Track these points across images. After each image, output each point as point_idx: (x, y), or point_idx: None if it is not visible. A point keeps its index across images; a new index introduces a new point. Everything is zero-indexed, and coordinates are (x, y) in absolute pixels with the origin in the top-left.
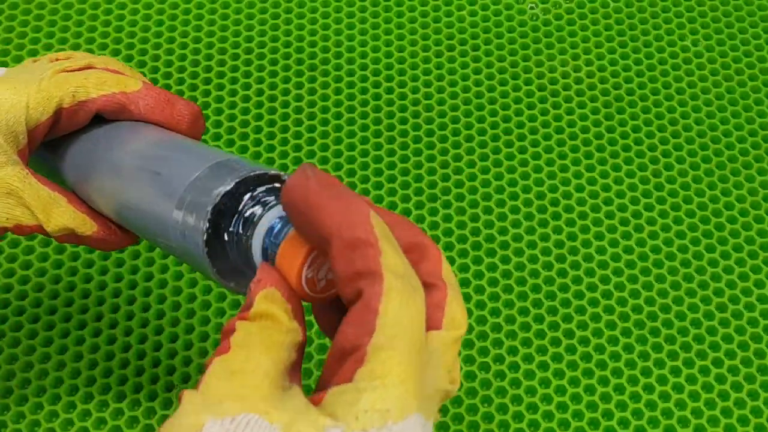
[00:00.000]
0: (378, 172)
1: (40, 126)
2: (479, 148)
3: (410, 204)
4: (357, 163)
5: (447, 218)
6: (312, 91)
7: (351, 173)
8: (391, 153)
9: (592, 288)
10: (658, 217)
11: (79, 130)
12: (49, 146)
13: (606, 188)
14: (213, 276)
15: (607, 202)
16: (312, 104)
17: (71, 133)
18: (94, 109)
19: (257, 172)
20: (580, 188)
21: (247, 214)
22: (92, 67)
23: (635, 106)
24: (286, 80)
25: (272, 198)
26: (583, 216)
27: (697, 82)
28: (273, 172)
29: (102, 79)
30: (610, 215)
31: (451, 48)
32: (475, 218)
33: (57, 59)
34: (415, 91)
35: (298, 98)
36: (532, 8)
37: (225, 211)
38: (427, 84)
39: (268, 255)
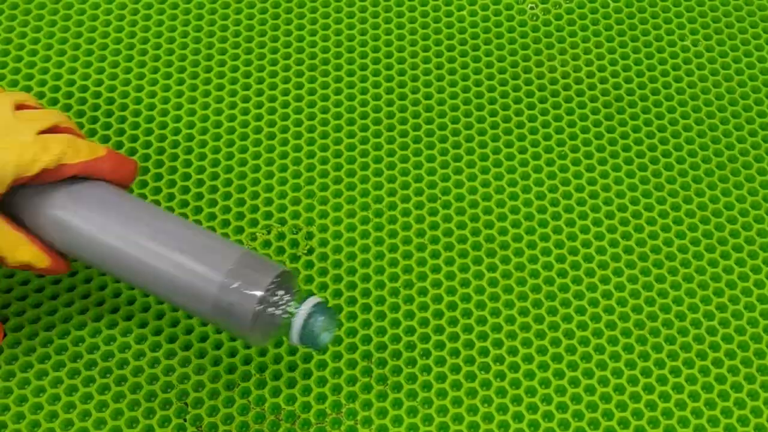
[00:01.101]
0: (378, 172)
1: (19, 180)
2: (479, 148)
3: (410, 204)
4: (357, 163)
5: (447, 218)
6: (312, 91)
7: (351, 173)
8: (391, 153)
9: (592, 288)
10: (658, 218)
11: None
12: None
13: (606, 188)
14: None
15: (607, 202)
16: (312, 104)
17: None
18: (71, 172)
19: (280, 271)
20: (580, 188)
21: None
22: (58, 127)
23: (635, 106)
24: (286, 80)
25: (288, 294)
26: (583, 216)
27: (697, 82)
28: (281, 270)
29: (79, 147)
30: (610, 215)
31: (451, 48)
32: (475, 218)
33: (19, 106)
34: (415, 91)
35: (298, 98)
36: (532, 8)
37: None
38: (427, 84)
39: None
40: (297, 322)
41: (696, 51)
